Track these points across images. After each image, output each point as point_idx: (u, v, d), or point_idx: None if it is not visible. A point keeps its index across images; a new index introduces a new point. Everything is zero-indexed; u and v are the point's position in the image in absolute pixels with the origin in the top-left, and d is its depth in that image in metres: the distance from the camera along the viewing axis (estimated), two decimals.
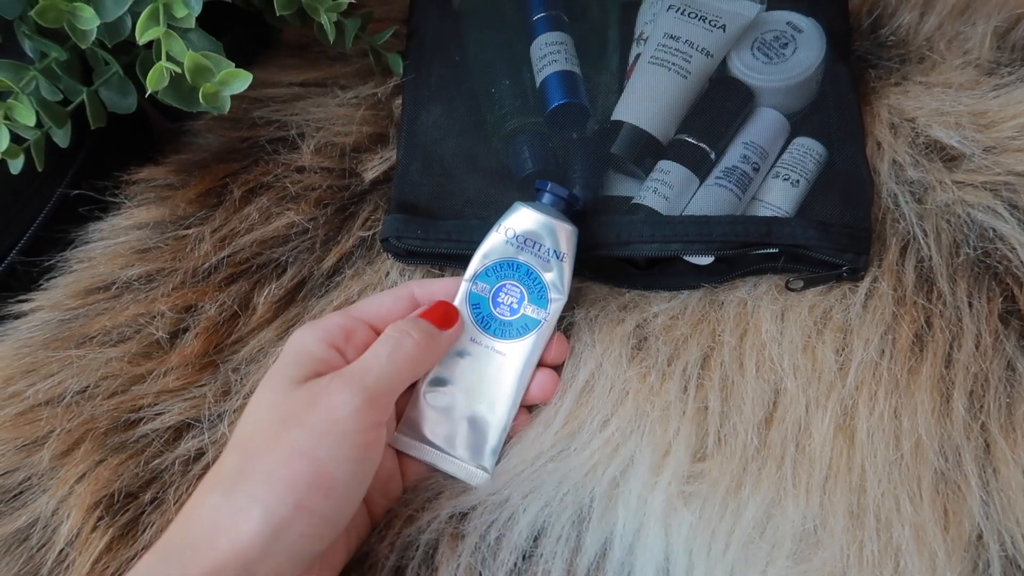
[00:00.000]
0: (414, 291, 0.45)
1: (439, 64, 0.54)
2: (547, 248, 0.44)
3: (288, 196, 0.51)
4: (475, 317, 0.44)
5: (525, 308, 0.44)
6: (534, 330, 0.44)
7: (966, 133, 0.50)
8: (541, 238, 0.44)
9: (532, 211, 0.44)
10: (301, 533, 0.35)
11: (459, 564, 0.41)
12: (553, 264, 0.44)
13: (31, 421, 0.45)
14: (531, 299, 0.44)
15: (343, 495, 0.37)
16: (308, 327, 0.42)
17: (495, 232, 0.44)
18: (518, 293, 0.44)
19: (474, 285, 0.44)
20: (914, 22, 0.56)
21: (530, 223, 0.44)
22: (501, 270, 0.44)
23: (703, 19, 0.51)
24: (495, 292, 0.44)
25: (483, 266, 0.44)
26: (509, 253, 0.44)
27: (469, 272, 0.44)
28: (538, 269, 0.44)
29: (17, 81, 0.44)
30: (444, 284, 0.45)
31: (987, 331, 0.45)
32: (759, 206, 0.48)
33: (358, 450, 0.37)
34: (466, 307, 0.44)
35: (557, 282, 0.44)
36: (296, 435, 0.36)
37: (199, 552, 0.34)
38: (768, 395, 0.44)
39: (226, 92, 0.44)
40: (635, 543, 0.42)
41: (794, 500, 0.42)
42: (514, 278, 0.44)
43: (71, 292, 0.49)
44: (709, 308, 0.47)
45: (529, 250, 0.44)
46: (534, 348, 0.44)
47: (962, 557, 0.40)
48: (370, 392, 0.38)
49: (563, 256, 0.44)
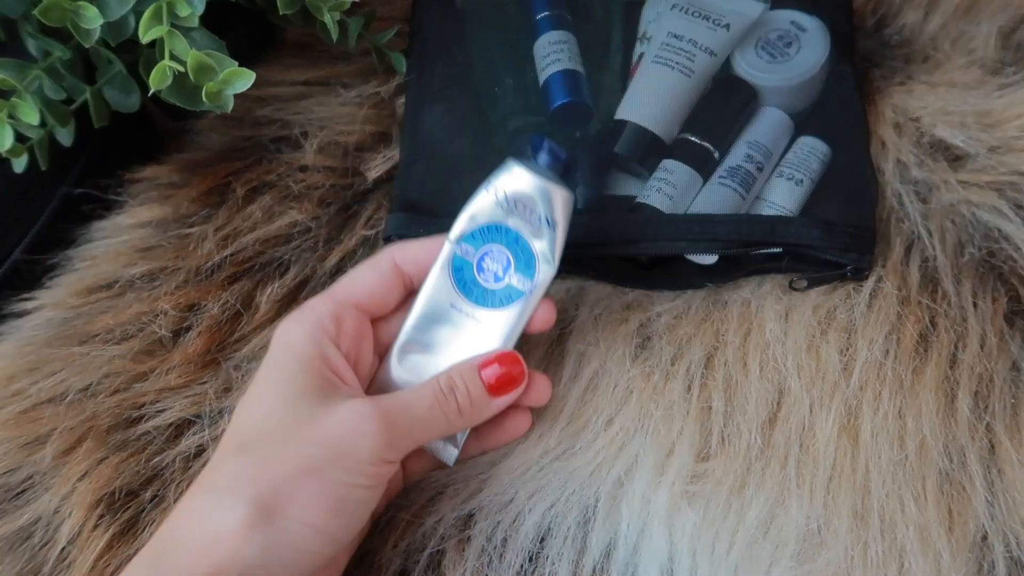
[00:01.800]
0: (395, 258, 0.42)
1: (442, 63, 0.54)
2: (539, 214, 0.40)
3: (291, 195, 0.51)
4: (457, 281, 0.41)
5: (511, 277, 0.41)
6: (518, 300, 0.41)
7: (971, 133, 0.50)
8: (534, 202, 0.40)
9: (526, 171, 0.40)
10: (303, 549, 0.34)
11: (466, 568, 0.41)
12: (544, 232, 0.41)
13: (33, 419, 0.45)
14: (518, 267, 0.41)
15: (350, 515, 0.36)
16: (296, 320, 0.39)
17: (484, 191, 0.41)
18: (504, 260, 0.41)
19: (459, 247, 0.41)
20: (918, 21, 0.56)
21: (523, 184, 0.40)
22: (488, 233, 0.41)
23: (707, 18, 0.51)
24: (480, 257, 0.41)
25: (470, 228, 0.41)
26: (498, 216, 0.41)
27: (454, 232, 0.41)
28: (528, 236, 0.41)
29: (21, 80, 0.44)
30: (426, 245, 0.42)
31: (992, 331, 0.45)
32: (763, 205, 0.48)
33: (370, 479, 0.36)
34: (448, 270, 0.41)
35: (547, 252, 0.41)
36: (308, 451, 0.35)
37: (193, 559, 0.33)
38: (772, 395, 0.44)
39: (229, 91, 0.44)
40: (639, 543, 0.41)
41: (798, 500, 0.41)
42: (502, 243, 0.41)
43: (74, 290, 0.49)
44: (713, 308, 0.47)
45: (520, 214, 0.41)
46: (517, 320, 0.41)
47: (967, 558, 0.40)
48: (396, 436, 0.37)
49: (556, 224, 0.41)
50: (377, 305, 0.42)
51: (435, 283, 0.42)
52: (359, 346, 0.41)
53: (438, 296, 0.42)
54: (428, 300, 0.42)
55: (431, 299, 0.42)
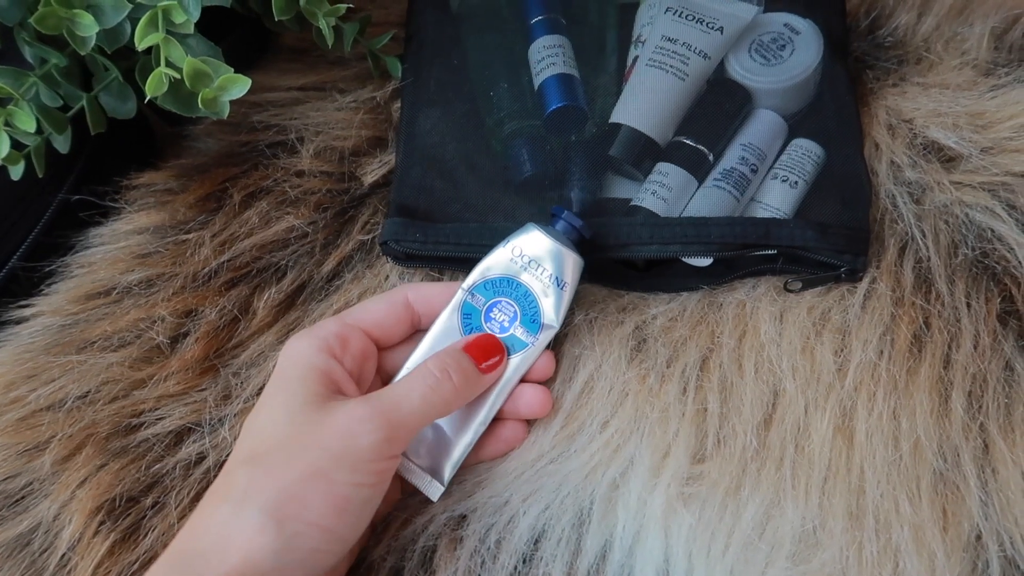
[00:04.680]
0: (408, 295, 0.44)
1: (437, 68, 0.54)
2: (550, 274, 0.43)
3: (288, 200, 0.52)
4: (464, 326, 0.44)
5: (515, 329, 0.44)
6: (519, 352, 0.43)
7: (964, 134, 0.50)
8: (547, 263, 0.43)
9: (544, 235, 0.43)
10: (312, 549, 0.36)
11: (457, 567, 0.41)
12: (552, 291, 0.43)
13: (32, 426, 0.45)
14: (523, 321, 0.44)
15: (356, 515, 0.37)
16: (303, 337, 0.41)
17: (502, 248, 0.44)
18: (512, 312, 0.44)
19: (470, 296, 0.44)
20: (912, 23, 0.56)
21: (539, 247, 0.43)
22: (500, 286, 0.44)
23: (700, 21, 0.51)
24: (489, 307, 0.44)
25: (483, 279, 0.44)
26: (511, 271, 0.44)
27: (468, 282, 0.44)
28: (537, 293, 0.43)
29: (17, 87, 0.45)
30: (439, 289, 0.44)
31: (985, 331, 0.45)
32: (757, 207, 0.48)
33: (373, 476, 0.38)
34: (457, 315, 0.44)
35: (553, 310, 0.43)
36: (313, 456, 0.37)
37: (210, 564, 0.34)
38: (767, 396, 0.44)
39: (225, 97, 0.45)
40: (635, 545, 0.42)
41: (793, 501, 0.42)
42: (511, 297, 0.44)
43: (72, 297, 0.49)
44: (708, 310, 0.47)
45: (532, 272, 0.43)
46: (515, 370, 0.43)
47: (961, 557, 0.40)
48: (394, 428, 0.38)
49: (564, 285, 0.43)
50: (384, 334, 0.43)
51: (444, 325, 0.44)
52: (362, 366, 0.42)
53: (445, 337, 0.44)
54: (435, 339, 0.44)
55: (438, 339, 0.44)
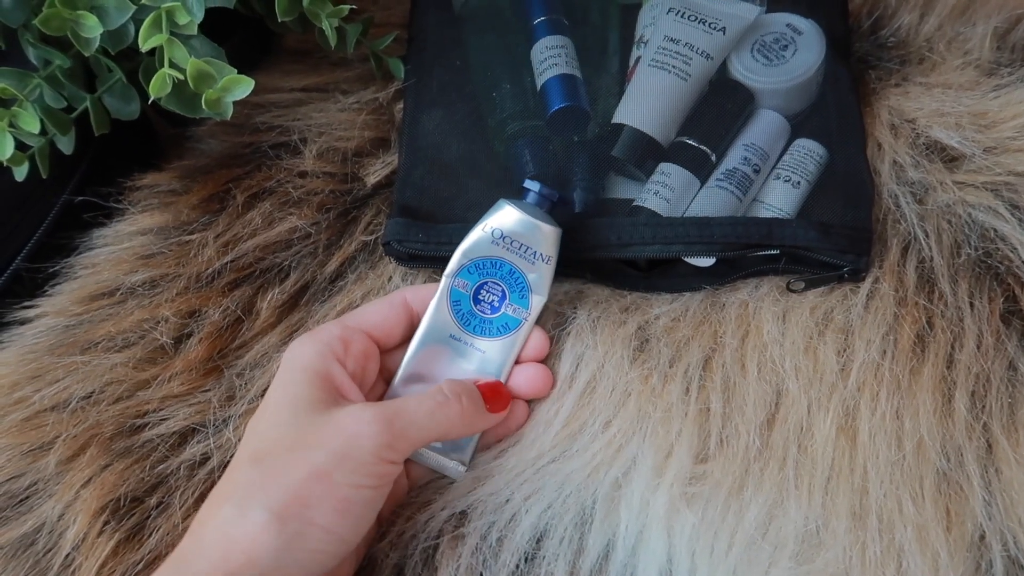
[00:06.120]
0: (407, 296, 0.45)
1: (440, 68, 0.54)
2: (532, 250, 0.44)
3: (291, 201, 0.52)
4: (455, 313, 0.44)
5: (506, 307, 0.44)
6: (515, 329, 0.44)
7: (966, 134, 0.50)
8: (525, 238, 0.44)
9: (516, 209, 0.44)
10: (314, 549, 0.36)
11: (459, 564, 0.41)
12: (538, 265, 0.44)
13: (37, 426, 0.45)
14: (512, 298, 0.44)
15: (357, 516, 0.38)
16: (306, 340, 0.41)
17: (478, 229, 0.44)
18: (499, 291, 0.44)
19: (455, 282, 0.44)
20: (914, 23, 0.56)
21: (513, 222, 0.44)
22: (483, 268, 0.44)
23: (703, 22, 0.51)
24: (476, 289, 0.44)
25: (465, 263, 0.44)
26: (493, 252, 0.44)
27: (449, 268, 0.44)
28: (522, 269, 0.44)
29: (21, 89, 0.45)
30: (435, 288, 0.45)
31: (988, 331, 0.45)
32: (760, 208, 0.48)
33: (374, 479, 0.38)
34: (446, 304, 0.44)
35: (539, 283, 0.44)
36: (315, 456, 0.37)
37: (212, 563, 0.35)
38: (770, 396, 0.44)
39: (228, 98, 0.45)
40: (638, 545, 0.42)
41: (796, 501, 0.42)
42: (496, 276, 0.44)
43: (76, 298, 0.49)
44: (711, 310, 0.47)
45: (514, 249, 0.44)
46: (514, 346, 0.44)
47: (964, 557, 0.40)
48: (397, 436, 0.38)
49: (548, 259, 0.44)
50: (384, 335, 0.44)
51: (434, 315, 0.44)
52: (365, 367, 0.43)
53: (438, 328, 0.44)
54: (428, 331, 0.44)
55: (431, 330, 0.44)
